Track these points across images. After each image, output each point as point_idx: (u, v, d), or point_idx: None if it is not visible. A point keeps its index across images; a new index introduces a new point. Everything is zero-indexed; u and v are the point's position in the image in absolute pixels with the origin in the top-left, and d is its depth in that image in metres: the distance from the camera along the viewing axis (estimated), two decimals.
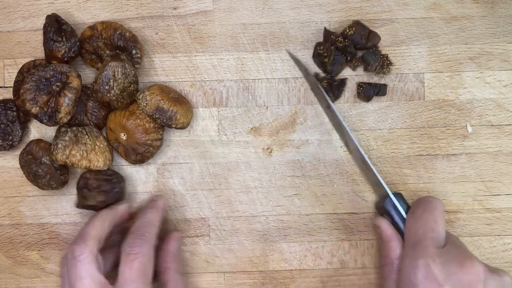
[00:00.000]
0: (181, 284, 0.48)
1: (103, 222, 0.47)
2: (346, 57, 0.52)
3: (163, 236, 0.50)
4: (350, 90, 0.53)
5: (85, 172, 0.50)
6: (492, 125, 0.53)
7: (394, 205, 0.49)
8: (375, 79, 0.53)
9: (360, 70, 0.53)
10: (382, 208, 0.50)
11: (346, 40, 0.51)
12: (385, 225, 0.49)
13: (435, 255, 0.43)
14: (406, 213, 0.48)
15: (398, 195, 0.49)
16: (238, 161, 0.52)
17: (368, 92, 0.52)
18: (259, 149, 0.53)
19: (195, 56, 0.53)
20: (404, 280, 0.45)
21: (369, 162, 0.50)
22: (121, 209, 0.49)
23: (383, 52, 0.52)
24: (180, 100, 0.50)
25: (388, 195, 0.49)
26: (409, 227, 0.47)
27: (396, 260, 0.47)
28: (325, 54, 0.51)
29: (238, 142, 0.53)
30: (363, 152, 0.50)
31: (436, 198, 0.48)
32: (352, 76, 0.53)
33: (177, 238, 0.50)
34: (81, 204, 0.49)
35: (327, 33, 0.52)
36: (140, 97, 0.49)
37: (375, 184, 0.51)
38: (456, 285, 0.42)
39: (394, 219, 0.49)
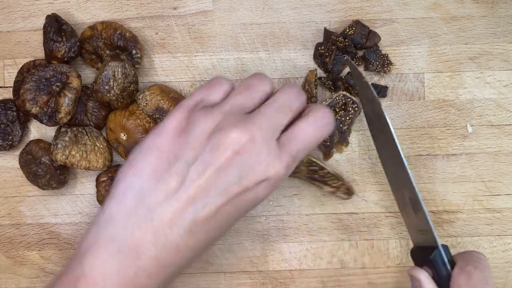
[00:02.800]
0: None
1: None
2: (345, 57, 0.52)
3: None
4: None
5: None
6: (492, 125, 0.53)
7: (442, 259, 0.45)
8: (375, 79, 0.53)
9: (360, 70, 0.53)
10: (422, 258, 0.46)
11: (347, 40, 0.51)
12: (425, 279, 0.45)
13: None
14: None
15: (445, 247, 0.45)
16: None
17: None
18: None
19: (195, 56, 0.53)
20: None
21: (422, 203, 0.45)
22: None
23: (383, 52, 0.52)
24: (180, 99, 0.50)
25: (435, 246, 0.45)
26: (457, 285, 0.43)
27: None
28: (326, 54, 0.51)
29: None
30: (417, 190, 0.45)
31: (484, 255, 0.45)
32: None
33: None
34: None
35: (327, 33, 0.52)
36: (140, 97, 0.49)
37: (421, 230, 0.47)
38: None
39: (438, 272, 0.45)
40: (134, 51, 0.50)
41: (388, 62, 0.52)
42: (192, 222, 0.38)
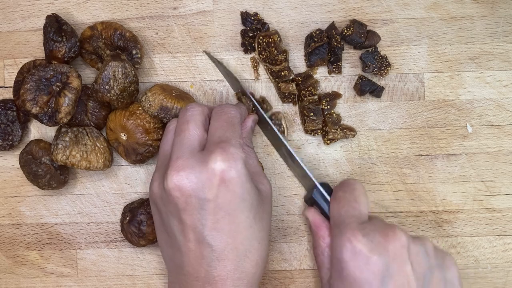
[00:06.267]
0: (254, 155, 0.49)
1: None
2: (330, 57, 0.52)
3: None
4: (350, 90, 0.53)
5: None
6: (492, 125, 0.53)
7: (322, 194, 0.49)
8: (375, 78, 0.53)
9: (358, 70, 0.53)
10: (310, 200, 0.50)
11: (341, 42, 0.51)
12: (312, 214, 0.49)
13: (358, 230, 0.44)
14: None
15: (325, 185, 0.49)
16: None
17: (364, 86, 0.52)
18: (259, 149, 0.53)
19: (195, 56, 0.53)
20: (334, 260, 0.45)
21: (294, 153, 0.50)
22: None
23: (382, 53, 0.52)
24: (182, 96, 0.50)
25: (315, 186, 0.49)
26: (332, 210, 0.47)
27: (326, 248, 0.47)
28: (315, 39, 0.51)
29: None
30: (287, 144, 0.50)
31: (355, 180, 0.49)
32: (352, 76, 0.53)
33: (255, 118, 0.51)
34: None
35: (331, 26, 0.52)
36: (143, 99, 0.49)
37: (303, 177, 0.51)
38: (383, 254, 0.43)
39: (323, 209, 0.49)
40: (134, 51, 0.50)
41: (387, 63, 0.52)
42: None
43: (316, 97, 0.51)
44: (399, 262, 0.43)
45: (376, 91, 0.52)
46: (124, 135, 0.50)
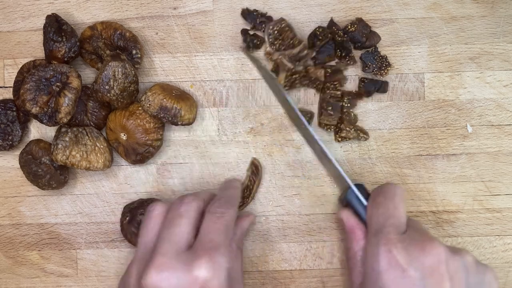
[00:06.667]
0: (240, 259, 0.48)
1: (209, 194, 0.48)
2: (340, 52, 0.52)
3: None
4: (350, 89, 0.53)
5: None
6: (492, 125, 0.53)
7: (356, 196, 0.48)
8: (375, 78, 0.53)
9: (357, 71, 0.53)
10: (344, 200, 0.49)
11: (346, 36, 0.51)
12: (347, 216, 0.48)
13: (397, 241, 0.43)
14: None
15: (359, 186, 0.49)
16: (238, 161, 0.52)
17: (369, 87, 0.52)
18: (259, 149, 0.53)
19: (195, 56, 0.53)
20: (368, 269, 0.44)
21: (329, 153, 0.49)
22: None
23: (382, 53, 0.52)
24: (182, 96, 0.50)
25: (350, 187, 0.48)
26: (370, 215, 0.46)
27: (359, 251, 0.46)
28: (320, 37, 0.51)
29: (238, 142, 0.53)
30: (322, 144, 0.49)
31: (396, 185, 0.47)
32: (352, 76, 0.53)
33: (252, 220, 0.51)
34: None
35: (331, 22, 0.52)
36: (143, 98, 0.49)
37: (337, 177, 0.50)
38: (419, 268, 0.42)
39: (358, 210, 0.48)
40: (134, 51, 0.50)
41: (387, 64, 0.52)
42: None
43: (339, 92, 0.51)
44: (436, 278, 0.41)
45: (381, 88, 0.52)
46: (124, 135, 0.50)
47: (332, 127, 0.52)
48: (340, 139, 0.52)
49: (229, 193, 0.48)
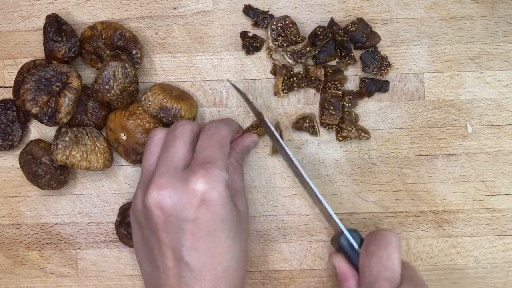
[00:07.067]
0: (241, 173, 0.49)
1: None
2: (340, 52, 0.52)
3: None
4: (350, 89, 0.53)
5: None
6: (492, 125, 0.53)
7: (349, 242, 0.46)
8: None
9: (357, 71, 0.53)
10: (337, 244, 0.47)
11: (346, 36, 0.51)
12: (340, 263, 0.46)
13: None
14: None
15: (353, 231, 0.46)
16: None
17: (370, 87, 0.52)
18: (259, 149, 0.53)
19: (195, 56, 0.53)
20: None
21: (321, 198, 0.47)
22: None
23: (382, 53, 0.52)
24: (182, 96, 0.50)
25: (343, 232, 0.46)
26: (363, 266, 0.44)
27: None
28: (321, 37, 0.51)
29: None
30: (314, 188, 0.48)
31: (390, 231, 0.45)
32: (352, 75, 0.53)
33: (254, 139, 0.51)
34: None
35: (332, 22, 0.52)
36: (143, 98, 0.49)
37: (329, 219, 0.48)
38: None
39: (351, 256, 0.46)
40: (134, 51, 0.50)
41: (387, 64, 0.52)
42: None
43: (340, 92, 0.51)
44: None
45: (382, 87, 0.52)
46: (124, 135, 0.50)
47: (334, 126, 0.52)
48: (341, 138, 0.52)
49: (224, 118, 0.50)
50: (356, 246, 0.46)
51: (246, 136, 0.51)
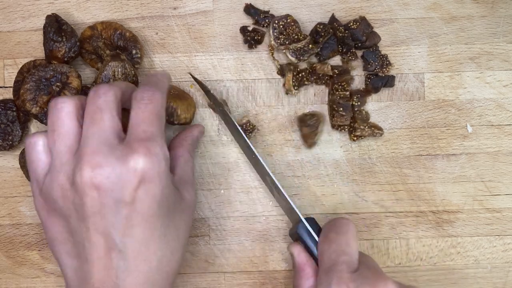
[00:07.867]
0: (191, 165, 0.47)
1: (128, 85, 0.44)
2: (341, 48, 0.52)
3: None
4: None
5: None
6: (492, 125, 0.53)
7: (307, 230, 0.46)
8: None
9: (359, 70, 0.53)
10: (295, 234, 0.47)
11: (347, 32, 0.51)
12: (297, 252, 0.46)
13: (349, 280, 0.41)
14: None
15: (310, 220, 0.47)
16: (238, 161, 0.52)
17: (376, 83, 0.52)
18: (259, 149, 0.53)
19: (195, 56, 0.53)
20: None
21: (280, 186, 0.48)
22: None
23: (383, 52, 0.52)
24: (180, 96, 0.50)
25: (300, 220, 0.47)
26: (322, 252, 0.44)
27: None
28: (322, 34, 0.51)
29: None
30: (273, 176, 0.48)
31: (348, 219, 0.46)
32: (352, 75, 0.53)
33: (201, 129, 0.51)
34: None
35: (333, 18, 0.52)
36: None
37: (288, 210, 0.48)
38: None
39: (308, 245, 0.46)
40: (134, 51, 0.50)
41: (387, 62, 0.52)
42: None
43: (347, 92, 0.51)
44: None
45: (388, 82, 0.52)
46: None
47: (346, 127, 0.52)
48: (355, 138, 0.52)
49: (155, 78, 0.44)
50: (314, 233, 0.46)
51: (194, 128, 0.50)
